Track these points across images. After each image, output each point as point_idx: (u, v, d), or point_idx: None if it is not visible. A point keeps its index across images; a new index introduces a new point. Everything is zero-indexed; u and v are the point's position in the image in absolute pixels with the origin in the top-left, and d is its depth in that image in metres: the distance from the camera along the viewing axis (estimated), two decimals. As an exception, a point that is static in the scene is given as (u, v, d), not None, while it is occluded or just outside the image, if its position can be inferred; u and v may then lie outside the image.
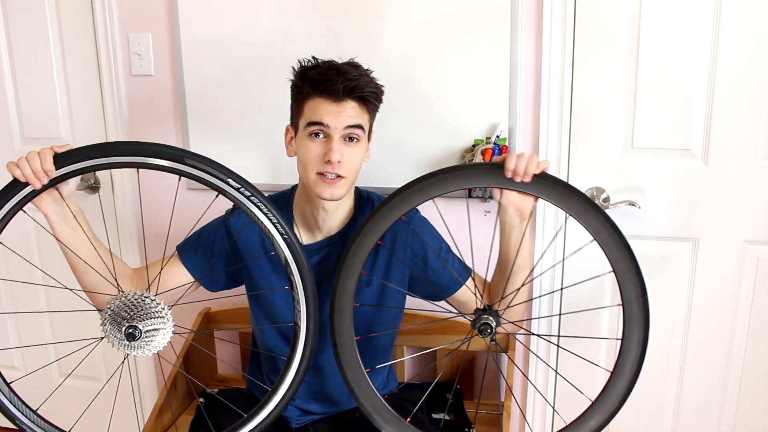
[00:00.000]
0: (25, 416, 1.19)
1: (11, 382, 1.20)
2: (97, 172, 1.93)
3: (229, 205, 1.22)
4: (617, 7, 1.47)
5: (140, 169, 1.13)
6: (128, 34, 1.77)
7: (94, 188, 1.93)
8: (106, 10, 1.75)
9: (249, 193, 1.14)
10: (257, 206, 1.15)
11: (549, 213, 1.61)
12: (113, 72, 1.79)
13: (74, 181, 1.15)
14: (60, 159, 1.10)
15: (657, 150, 1.53)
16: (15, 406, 1.18)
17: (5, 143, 1.98)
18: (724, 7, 1.41)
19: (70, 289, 1.23)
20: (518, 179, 1.08)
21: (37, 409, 1.22)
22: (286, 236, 1.16)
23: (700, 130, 1.49)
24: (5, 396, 1.18)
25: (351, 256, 1.13)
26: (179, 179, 1.14)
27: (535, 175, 1.07)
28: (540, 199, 1.11)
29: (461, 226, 1.47)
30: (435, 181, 1.10)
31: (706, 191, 1.51)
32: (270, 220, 1.15)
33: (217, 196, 1.17)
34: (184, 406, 1.72)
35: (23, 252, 2.03)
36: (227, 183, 1.13)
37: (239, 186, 1.14)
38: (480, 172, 1.11)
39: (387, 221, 1.12)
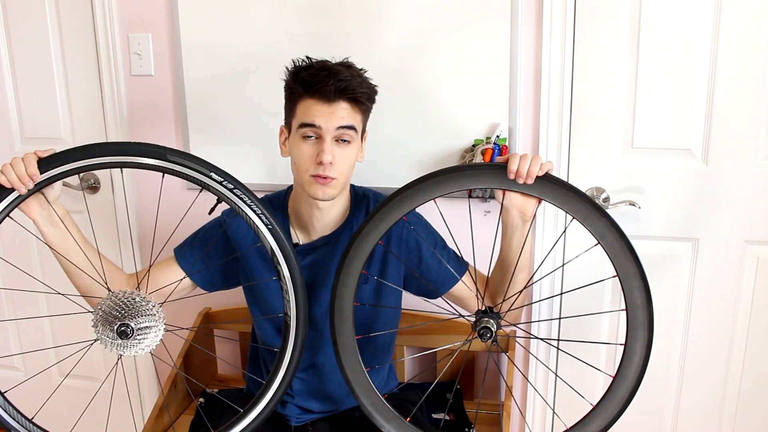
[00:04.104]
0: (21, 425, 1.18)
1: (8, 390, 1.19)
2: (97, 173, 1.93)
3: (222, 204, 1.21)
4: (617, 6, 1.47)
5: (125, 169, 1.13)
6: (128, 34, 1.77)
7: (94, 188, 1.93)
8: (106, 11, 1.75)
9: (232, 186, 1.14)
10: (241, 198, 1.14)
11: (549, 214, 1.61)
12: (113, 72, 1.79)
13: (59, 185, 1.15)
14: (44, 163, 1.10)
15: (657, 150, 1.52)
16: (10, 416, 1.17)
17: (5, 143, 1.98)
18: (724, 6, 1.40)
19: (63, 294, 1.22)
20: (521, 181, 1.06)
21: (35, 415, 1.21)
22: (270, 226, 1.16)
23: (700, 130, 1.48)
24: (1, 407, 1.17)
25: (351, 256, 1.13)
26: (162, 176, 1.14)
27: (538, 177, 1.06)
28: (543, 201, 1.10)
29: (462, 225, 1.47)
30: (436, 182, 1.09)
31: (706, 191, 1.51)
32: (254, 211, 1.15)
33: (201, 191, 1.17)
34: (184, 406, 1.72)
35: (25, 255, 2.04)
36: (210, 177, 1.13)
37: (222, 179, 1.13)
38: (482, 172, 1.10)
39: (387, 222, 1.11)
